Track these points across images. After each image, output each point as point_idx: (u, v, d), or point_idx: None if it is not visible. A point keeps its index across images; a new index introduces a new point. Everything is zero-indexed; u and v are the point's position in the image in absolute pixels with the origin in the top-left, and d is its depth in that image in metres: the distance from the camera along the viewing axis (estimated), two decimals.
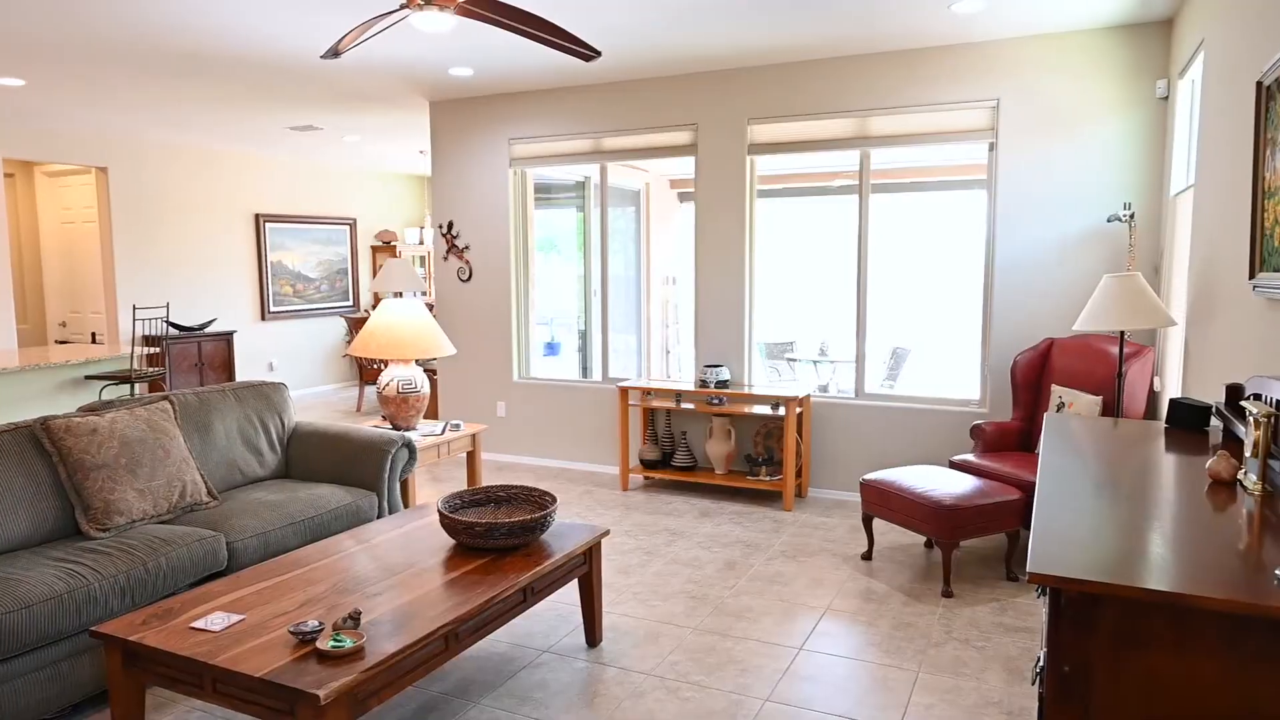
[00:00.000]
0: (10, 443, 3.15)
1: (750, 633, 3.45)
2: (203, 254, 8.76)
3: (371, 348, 4.48)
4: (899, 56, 5.02)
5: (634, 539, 4.63)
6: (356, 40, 3.33)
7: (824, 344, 7.61)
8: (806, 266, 8.15)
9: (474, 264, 6.49)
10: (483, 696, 2.95)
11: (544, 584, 3.00)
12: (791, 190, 7.94)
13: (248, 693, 2.21)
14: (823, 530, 4.77)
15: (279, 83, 5.72)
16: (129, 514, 3.23)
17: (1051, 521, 1.76)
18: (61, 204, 8.65)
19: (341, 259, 10.37)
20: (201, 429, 3.80)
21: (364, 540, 3.20)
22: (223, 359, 8.50)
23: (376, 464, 3.98)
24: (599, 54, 3.31)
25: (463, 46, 4.86)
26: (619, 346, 6.93)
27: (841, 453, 5.40)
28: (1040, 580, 1.47)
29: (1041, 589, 1.63)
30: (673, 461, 5.66)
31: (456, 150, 6.46)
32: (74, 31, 4.48)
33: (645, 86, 5.73)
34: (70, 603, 2.69)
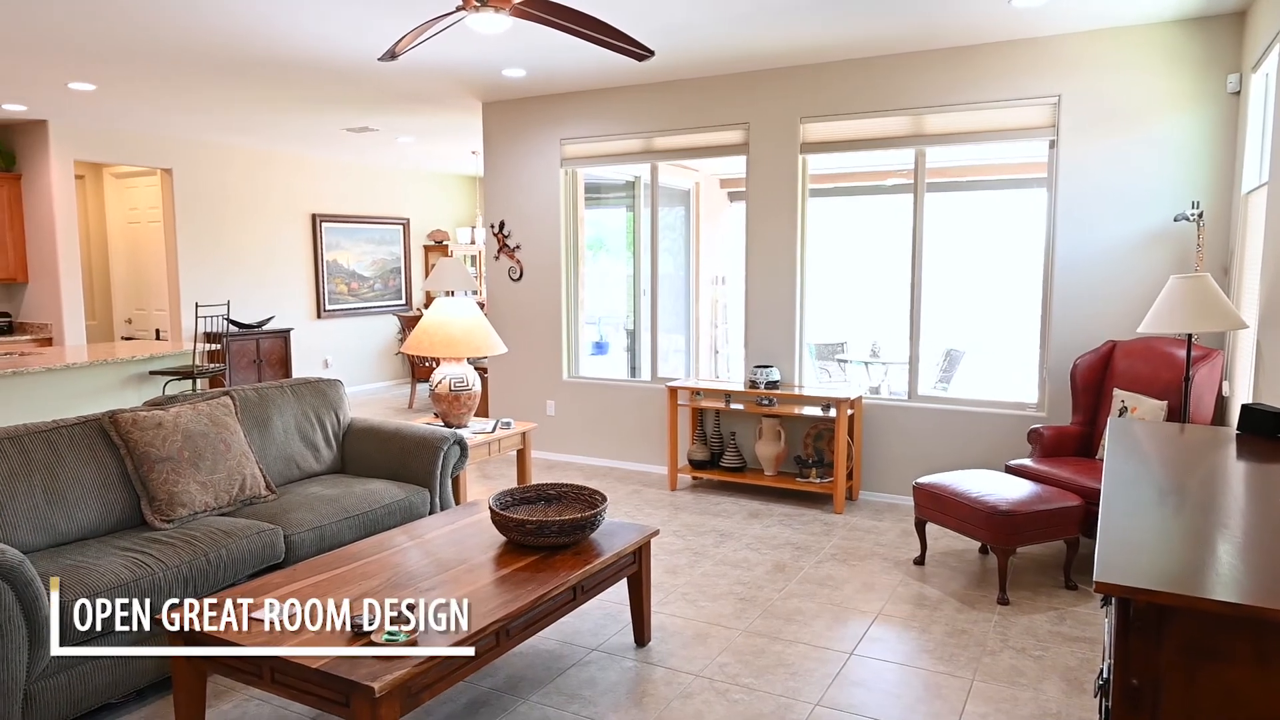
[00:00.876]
0: (80, 435, 3.26)
1: (800, 636, 3.42)
2: (261, 253, 8.98)
3: (425, 346, 4.54)
4: (956, 53, 4.92)
5: (682, 539, 4.62)
6: (413, 43, 3.37)
7: (875, 345, 7.51)
8: (858, 266, 8.04)
9: (525, 263, 6.54)
10: (532, 693, 2.97)
11: (593, 583, 3.01)
12: (843, 189, 7.84)
13: (304, 683, 2.25)
14: (874, 534, 4.70)
15: (336, 85, 5.83)
16: (191, 506, 3.32)
17: (1118, 529, 1.71)
18: (128, 204, 8.93)
19: (395, 258, 10.54)
20: (261, 424, 3.89)
21: (417, 536, 3.24)
22: (280, 356, 8.70)
23: (429, 461, 4.03)
24: (652, 53, 3.31)
25: (516, 48, 4.90)
26: (667, 346, 6.91)
27: (893, 455, 5.32)
28: (1108, 590, 1.42)
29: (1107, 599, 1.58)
30: (721, 462, 5.64)
31: (508, 150, 6.52)
32: (142, 38, 4.62)
33: (697, 85, 5.71)
34: (136, 590, 2.78)
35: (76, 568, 2.77)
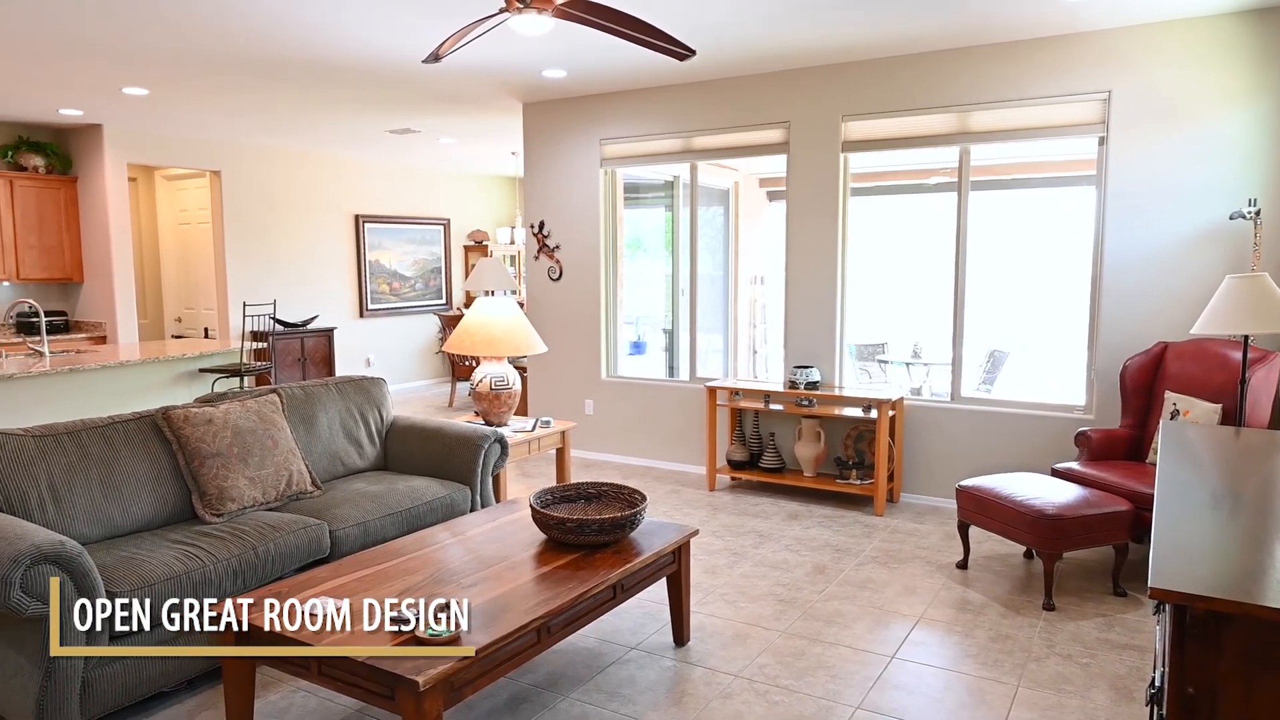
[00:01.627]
0: (135, 431, 3.34)
1: (841, 638, 3.39)
2: (306, 253, 9.15)
3: (466, 345, 4.59)
4: (1002, 49, 4.84)
5: (721, 540, 4.61)
6: (456, 45, 3.41)
7: (917, 346, 7.42)
8: (900, 266, 7.95)
9: (564, 263, 6.57)
10: (572, 690, 2.99)
11: (633, 581, 3.01)
12: (885, 188, 7.76)
13: (350, 675, 2.29)
14: (915, 537, 4.64)
15: (379, 88, 5.92)
16: (240, 500, 3.39)
17: (1173, 534, 1.67)
18: (178, 206, 9.15)
19: (435, 258, 10.66)
20: (306, 421, 3.96)
21: (458, 533, 3.28)
22: (323, 354, 8.85)
23: (470, 458, 4.07)
24: (693, 53, 3.31)
25: (556, 49, 4.92)
26: (705, 346, 6.89)
27: (935, 458, 5.25)
28: (1163, 596, 1.39)
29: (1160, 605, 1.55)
30: (760, 463, 5.61)
31: (548, 151, 6.56)
32: (193, 43, 4.73)
33: (737, 84, 5.69)
34: (188, 583, 2.85)
35: (131, 559, 2.85)
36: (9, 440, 2.99)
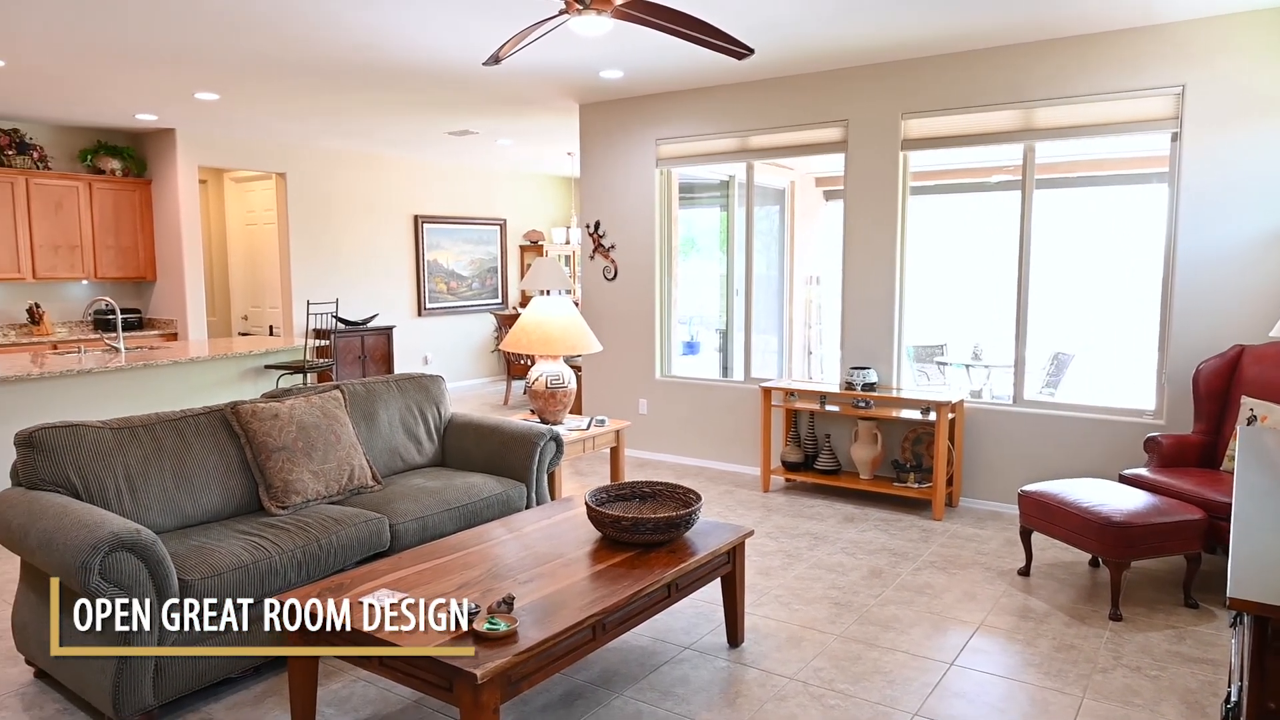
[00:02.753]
0: (205, 424, 3.46)
1: (898, 644, 3.34)
2: (367, 253, 9.35)
3: (523, 344, 4.63)
4: (1070, 43, 4.71)
5: (775, 541, 4.58)
6: (516, 47, 3.45)
7: (977, 347, 7.26)
8: (960, 266, 7.79)
9: (619, 263, 6.59)
10: (625, 688, 3.00)
11: (688, 581, 3.01)
12: (945, 186, 7.62)
13: (410, 667, 2.33)
14: (975, 542, 4.55)
15: (440, 90, 6.01)
16: (304, 494, 3.48)
17: (1252, 544, 1.60)
18: (246, 207, 9.43)
19: (492, 258, 10.80)
20: (368, 417, 4.05)
21: (514, 529, 3.32)
22: (383, 352, 9.03)
23: (526, 456, 4.11)
24: (752, 51, 3.29)
25: (614, 49, 4.94)
26: (759, 346, 6.84)
27: (996, 462, 5.14)
28: (1243, 607, 1.34)
29: (1238, 617, 1.49)
30: (815, 464, 5.55)
31: (604, 151, 6.59)
32: (262, 49, 4.87)
33: (794, 83, 5.65)
34: (255, 573, 2.93)
35: (201, 548, 2.94)
36: (89, 432, 3.11)
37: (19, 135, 7.20)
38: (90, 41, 4.71)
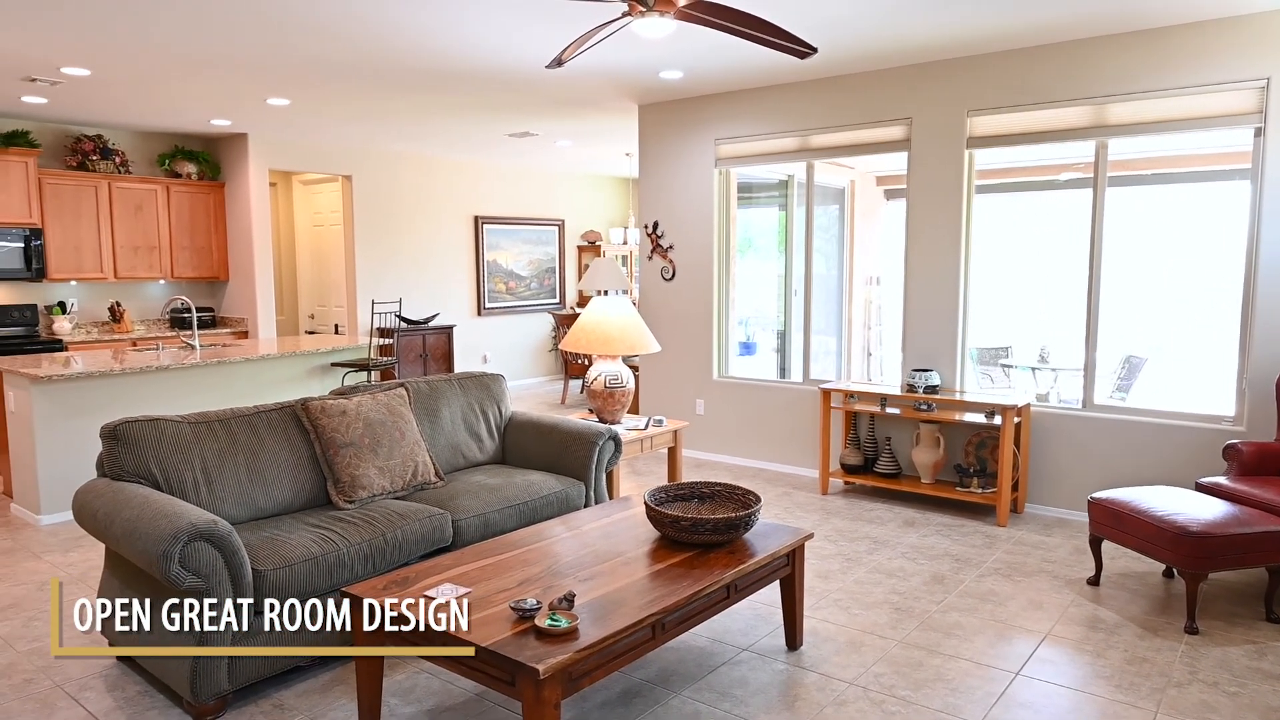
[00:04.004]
0: (277, 420, 3.57)
1: (961, 651, 3.28)
2: (428, 253, 9.52)
3: (582, 343, 4.67)
4: (1145, 36, 4.56)
5: (834, 544, 4.53)
6: (579, 50, 3.48)
7: (1044, 350, 7.07)
8: (1027, 266, 7.60)
9: (677, 263, 6.60)
10: (683, 688, 3.00)
11: (747, 582, 3.00)
12: (1012, 185, 7.44)
13: (473, 660, 2.37)
14: (1042, 549, 4.44)
15: (501, 92, 6.09)
16: (370, 489, 3.56)
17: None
18: (313, 209, 9.69)
19: (550, 258, 10.90)
20: (431, 414, 4.12)
21: (574, 527, 3.35)
22: (444, 351, 9.19)
23: (585, 455, 4.14)
24: (815, 50, 3.26)
25: (674, 50, 4.95)
26: (817, 348, 6.77)
27: (1065, 468, 5.00)
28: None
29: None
30: (875, 467, 5.48)
31: (663, 151, 6.60)
32: (331, 55, 5.00)
33: (856, 81, 5.58)
34: (324, 564, 3.01)
35: (273, 540, 3.04)
36: (169, 426, 3.24)
37: (103, 141, 7.52)
38: (171, 50, 4.90)
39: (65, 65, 5.23)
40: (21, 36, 4.58)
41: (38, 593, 3.89)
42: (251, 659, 2.82)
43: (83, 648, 3.15)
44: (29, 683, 3.04)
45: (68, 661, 3.18)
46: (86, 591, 3.88)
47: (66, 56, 5.02)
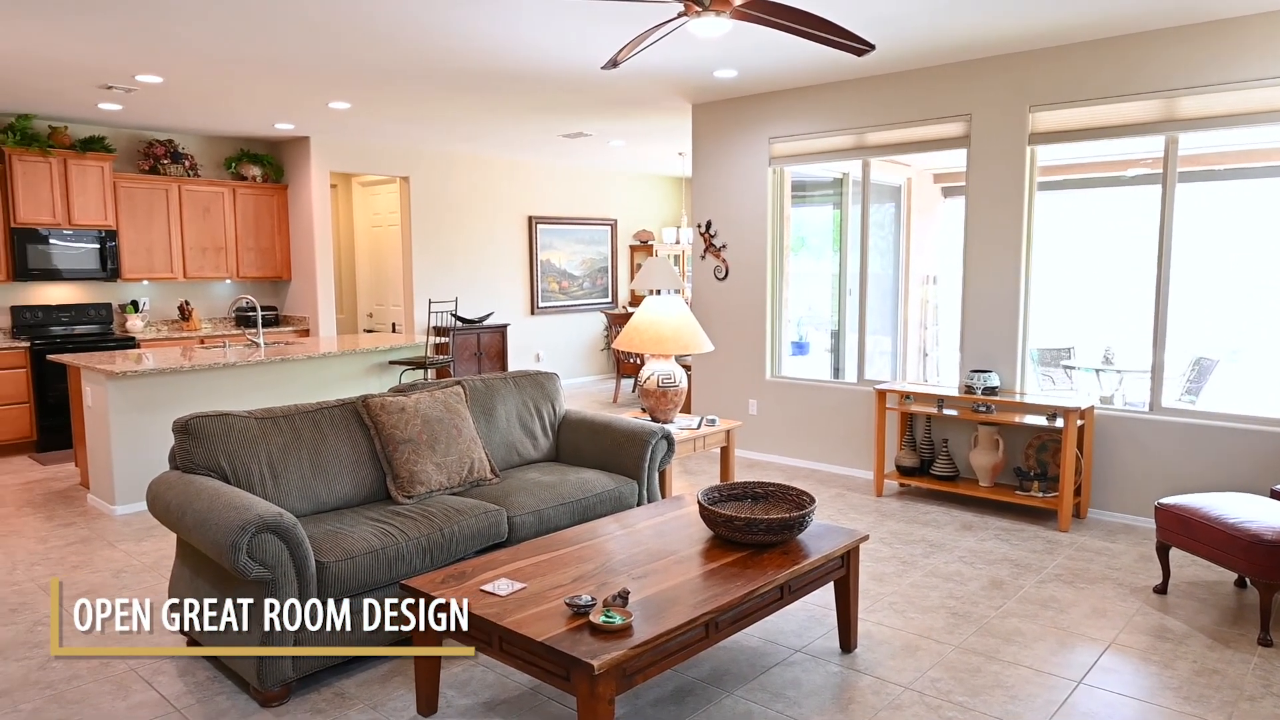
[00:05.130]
0: (339, 416, 3.66)
1: (1020, 658, 3.21)
2: (483, 253, 9.65)
3: (635, 343, 4.69)
4: (1218, 27, 4.41)
5: (889, 547, 4.47)
6: (634, 50, 3.49)
7: (1109, 351, 6.88)
8: (1091, 265, 7.40)
9: (730, 262, 6.58)
10: (736, 687, 3.00)
11: (801, 583, 2.99)
12: (1075, 181, 7.25)
13: (529, 654, 2.40)
14: (1105, 556, 4.32)
15: (555, 93, 6.15)
16: (428, 484, 3.63)
17: None
18: (372, 210, 9.90)
19: (603, 258, 10.96)
20: (487, 412, 4.19)
21: (627, 525, 3.37)
22: (498, 349, 9.31)
23: (638, 454, 4.16)
24: (873, 47, 3.23)
25: (729, 48, 4.94)
26: (872, 348, 6.69)
27: (1129, 472, 4.86)
28: None
29: None
30: (932, 470, 5.39)
31: (716, 150, 6.59)
32: (391, 59, 5.11)
33: (913, 77, 5.50)
34: (384, 558, 3.08)
35: (335, 533, 3.12)
36: (237, 421, 3.35)
37: (173, 145, 7.79)
38: (238, 58, 5.05)
39: (140, 73, 5.44)
40: (101, 46, 4.77)
41: (113, 580, 4.05)
42: (313, 645, 2.89)
43: (82, 648, 3.20)
44: (105, 665, 3.17)
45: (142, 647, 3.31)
46: (159, 580, 4.03)
47: (141, 65, 5.22)
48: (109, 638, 3.33)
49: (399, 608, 2.80)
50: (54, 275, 7.05)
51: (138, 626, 2.77)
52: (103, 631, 2.75)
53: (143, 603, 2.78)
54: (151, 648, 3.30)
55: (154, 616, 3.44)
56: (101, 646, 3.19)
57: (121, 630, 2.76)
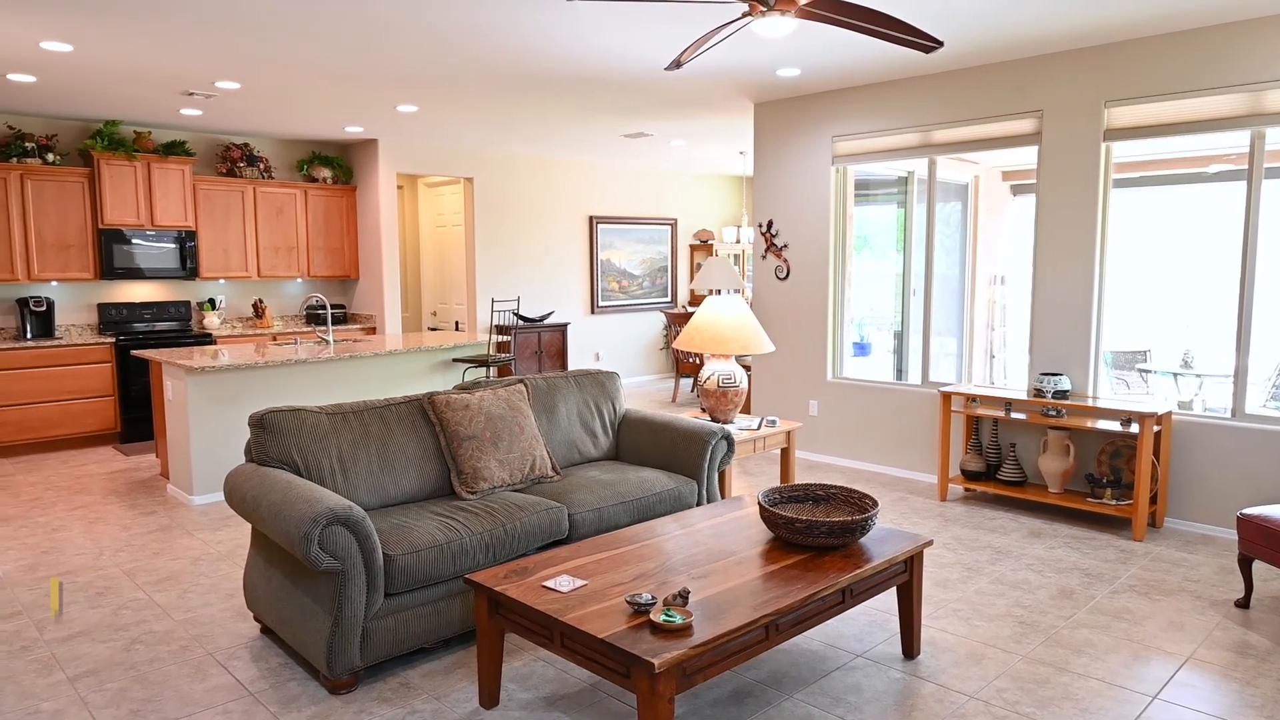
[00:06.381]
0: (405, 412, 3.74)
1: (1091, 670, 3.12)
2: (543, 253, 9.76)
3: (696, 343, 4.69)
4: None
5: (953, 553, 4.39)
6: (698, 51, 3.50)
7: (1188, 354, 6.63)
8: (1169, 265, 7.13)
9: (791, 262, 6.53)
10: (796, 690, 2.98)
11: (863, 588, 2.95)
12: (1152, 178, 7.00)
13: (589, 651, 2.43)
14: (1183, 567, 4.17)
15: (618, 95, 6.18)
16: (491, 481, 3.69)
17: None
18: (436, 210, 10.09)
19: (662, 257, 10.97)
20: (548, 410, 4.24)
21: (687, 525, 3.37)
22: (558, 348, 9.40)
23: (697, 454, 4.16)
24: (941, 44, 3.17)
25: (792, 47, 4.90)
26: (937, 349, 6.56)
27: (1210, 481, 4.68)
28: None
29: None
30: (998, 474, 5.27)
31: (778, 149, 6.54)
32: (457, 63, 5.20)
33: (982, 73, 5.38)
34: (448, 552, 3.14)
35: (402, 526, 3.19)
36: (309, 416, 3.45)
37: (249, 149, 8.06)
38: (312, 64, 5.21)
39: (219, 80, 5.64)
40: (184, 56, 4.96)
41: (191, 567, 4.21)
42: (381, 637, 2.97)
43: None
44: (185, 649, 3.30)
45: (218, 631, 3.44)
46: (234, 568, 4.18)
47: (221, 72, 5.41)
48: (190, 622, 3.49)
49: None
50: (137, 274, 7.36)
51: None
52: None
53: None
54: (225, 634, 3.43)
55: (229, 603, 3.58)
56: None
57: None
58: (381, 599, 2.98)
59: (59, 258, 7.00)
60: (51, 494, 5.62)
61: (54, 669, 3.15)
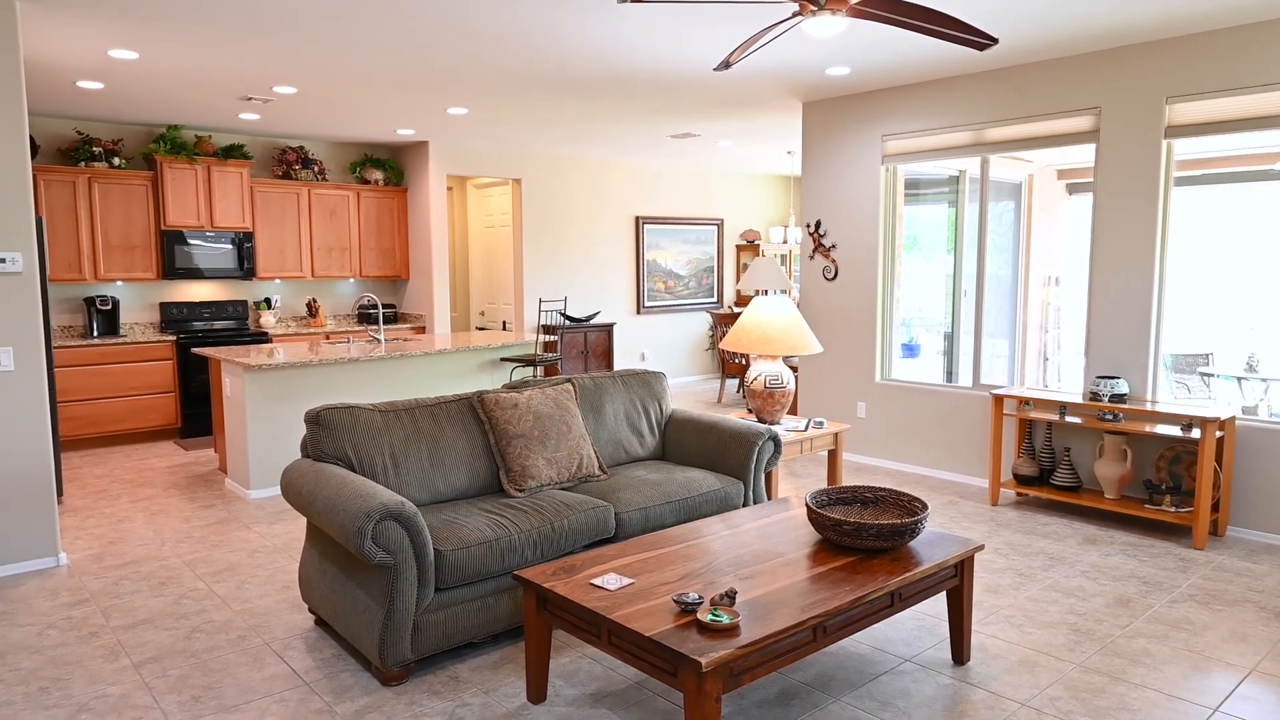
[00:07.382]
0: (455, 410, 3.80)
1: (1148, 680, 3.05)
2: (590, 253, 9.81)
3: (743, 343, 4.68)
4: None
5: (1005, 558, 4.31)
6: (747, 51, 3.49)
7: (1253, 357, 6.41)
8: (1233, 265, 6.91)
9: (839, 262, 6.47)
10: (843, 693, 2.96)
11: (911, 591, 2.92)
12: (1215, 176, 6.79)
13: (636, 649, 2.44)
14: (1247, 577, 4.04)
15: (667, 96, 6.20)
16: (539, 479, 3.73)
17: None
18: (485, 211, 10.21)
19: (709, 257, 10.96)
20: (595, 409, 4.27)
21: (733, 525, 3.37)
22: (604, 348, 9.44)
23: (744, 454, 4.15)
24: (995, 41, 3.12)
25: (842, 46, 4.86)
26: (989, 351, 6.45)
27: (1277, 488, 4.52)
28: None
29: None
30: (1052, 479, 5.16)
31: (827, 149, 6.49)
32: (506, 65, 5.26)
33: (1037, 70, 5.27)
34: (497, 549, 3.19)
35: (452, 523, 3.24)
36: (363, 413, 3.52)
37: (304, 152, 8.25)
38: (366, 69, 5.31)
39: (277, 85, 5.79)
40: (243, 62, 5.10)
41: (249, 559, 4.33)
42: (432, 631, 3.03)
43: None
44: (243, 639, 3.40)
45: (274, 621, 3.53)
46: (289, 561, 4.29)
47: (278, 76, 5.55)
48: (248, 613, 3.59)
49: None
50: (197, 274, 7.58)
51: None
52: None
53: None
54: (281, 624, 3.52)
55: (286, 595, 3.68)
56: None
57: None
58: (432, 593, 3.04)
59: (124, 258, 7.25)
60: (116, 486, 5.82)
61: (120, 655, 3.27)
